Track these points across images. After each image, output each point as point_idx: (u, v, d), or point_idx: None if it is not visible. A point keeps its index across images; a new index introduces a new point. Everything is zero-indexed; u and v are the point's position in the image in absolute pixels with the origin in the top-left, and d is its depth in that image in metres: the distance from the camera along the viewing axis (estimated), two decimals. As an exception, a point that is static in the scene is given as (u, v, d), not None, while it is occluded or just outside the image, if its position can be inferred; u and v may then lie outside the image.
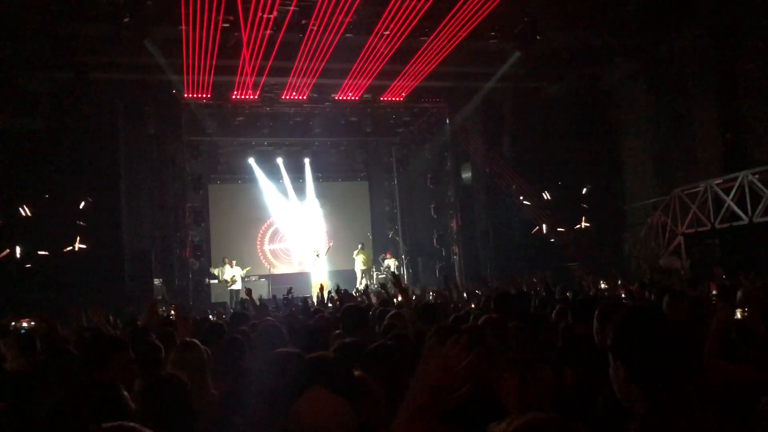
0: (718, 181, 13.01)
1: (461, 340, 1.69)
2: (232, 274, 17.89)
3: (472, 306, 6.67)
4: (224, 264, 18.19)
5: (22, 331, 7.13)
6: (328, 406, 1.82)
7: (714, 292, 5.80)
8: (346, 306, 4.97)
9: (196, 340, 3.50)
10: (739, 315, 3.94)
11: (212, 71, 14.81)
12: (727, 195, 12.60)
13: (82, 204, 13.81)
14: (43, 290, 12.45)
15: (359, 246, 19.85)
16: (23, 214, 13.29)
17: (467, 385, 1.65)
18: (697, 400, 1.90)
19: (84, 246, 13.70)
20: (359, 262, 19.47)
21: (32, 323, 7.90)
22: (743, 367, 3.02)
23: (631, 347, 1.79)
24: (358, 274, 19.32)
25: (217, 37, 12.71)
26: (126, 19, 11.83)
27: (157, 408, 2.34)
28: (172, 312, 9.47)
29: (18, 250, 13.13)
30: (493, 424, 1.50)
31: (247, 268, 18.62)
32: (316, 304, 9.95)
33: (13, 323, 7.66)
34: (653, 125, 15.59)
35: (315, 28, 12.76)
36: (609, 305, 3.89)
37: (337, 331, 5.25)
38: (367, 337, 4.26)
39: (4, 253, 12.92)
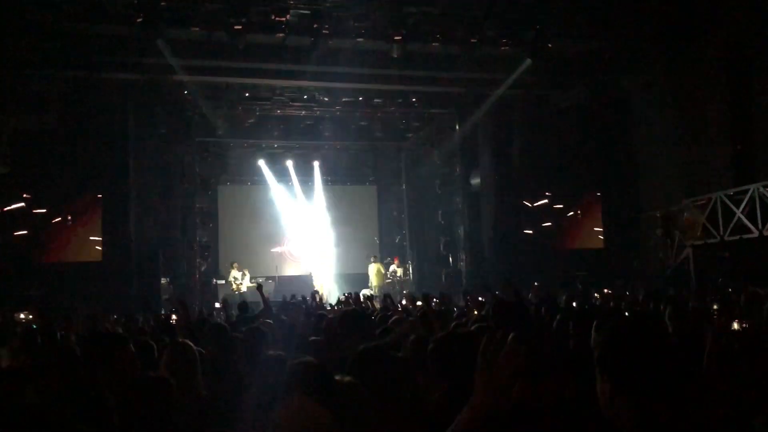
0: (728, 193, 12.90)
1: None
2: (239, 281, 17.80)
3: (475, 313, 6.63)
4: (232, 269, 18.15)
5: (34, 326, 7.17)
6: (306, 414, 1.80)
7: (715, 307, 5.74)
8: (344, 311, 4.96)
9: (188, 341, 3.50)
10: (736, 326, 3.89)
11: (223, 73, 14.94)
12: (738, 207, 12.49)
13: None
14: (49, 288, 12.51)
15: (371, 258, 19.38)
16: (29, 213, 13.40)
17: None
18: (692, 416, 1.86)
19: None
20: (372, 277, 18.84)
21: (29, 316, 7.99)
22: (740, 383, 2.98)
23: (617, 358, 1.75)
24: (372, 287, 18.49)
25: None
26: (139, 20, 11.89)
27: (137, 409, 2.33)
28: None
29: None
30: None
31: (253, 285, 18.18)
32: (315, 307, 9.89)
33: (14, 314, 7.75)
34: (668, 134, 15.46)
35: (327, 32, 12.79)
36: (606, 316, 3.86)
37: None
38: (366, 341, 4.25)
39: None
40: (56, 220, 13.93)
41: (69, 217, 14.09)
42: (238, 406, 2.48)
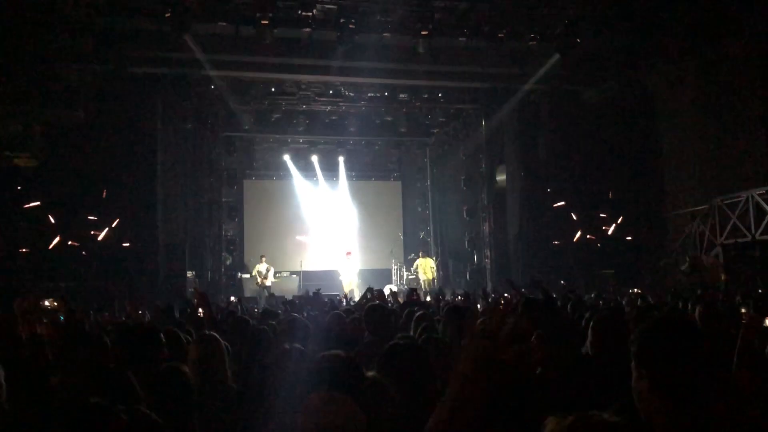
0: (761, 192, 12.64)
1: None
2: (264, 275, 17.91)
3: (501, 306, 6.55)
4: (261, 262, 18.24)
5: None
6: (335, 406, 1.81)
7: (743, 310, 5.61)
8: (369, 305, 4.95)
9: (215, 334, 3.52)
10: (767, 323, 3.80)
11: (249, 68, 15.01)
12: (770, 206, 12.24)
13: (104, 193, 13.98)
14: (77, 280, 12.68)
15: (420, 253, 19.23)
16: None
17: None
18: (721, 414, 1.83)
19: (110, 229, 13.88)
20: (425, 271, 18.44)
21: (54, 303, 8.15)
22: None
23: (656, 356, 1.73)
24: (422, 284, 18.03)
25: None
26: (167, 14, 11.98)
27: (154, 399, 2.36)
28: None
29: (57, 239, 13.42)
30: (549, 418, 1.46)
31: (278, 279, 18.29)
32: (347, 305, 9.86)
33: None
34: (697, 132, 15.17)
35: (353, 27, 12.77)
36: (606, 316, 3.77)
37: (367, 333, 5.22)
38: (390, 336, 4.24)
39: (55, 241, 13.19)
40: (84, 212, 14.09)
41: (96, 211, 14.26)
42: (266, 398, 2.49)
